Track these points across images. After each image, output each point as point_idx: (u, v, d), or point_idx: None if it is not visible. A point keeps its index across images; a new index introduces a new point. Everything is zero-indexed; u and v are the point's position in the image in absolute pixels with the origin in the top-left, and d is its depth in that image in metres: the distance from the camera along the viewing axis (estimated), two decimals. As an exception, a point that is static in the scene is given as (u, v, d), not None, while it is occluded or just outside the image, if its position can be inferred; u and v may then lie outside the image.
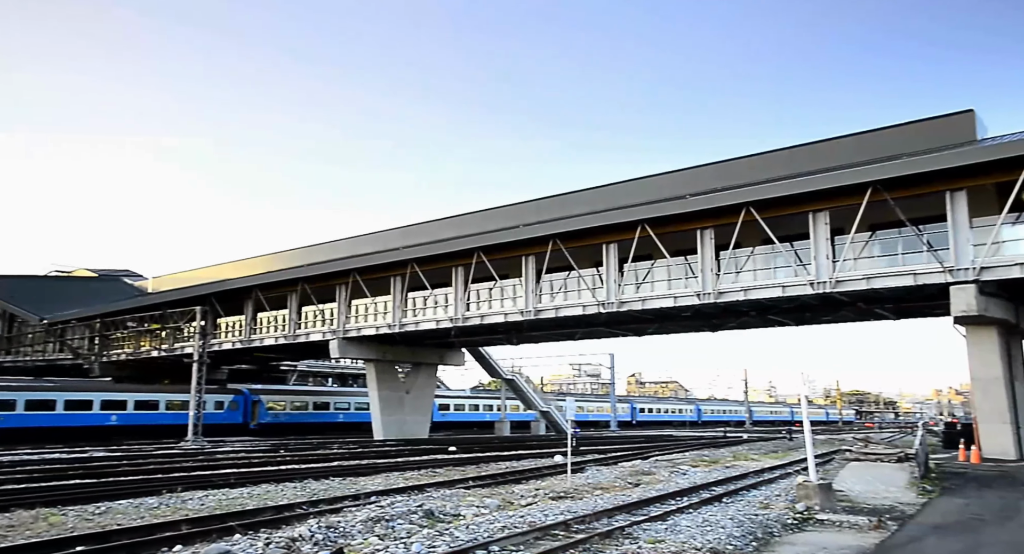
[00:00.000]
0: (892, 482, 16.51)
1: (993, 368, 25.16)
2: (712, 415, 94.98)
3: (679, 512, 13.35)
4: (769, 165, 30.33)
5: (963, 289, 23.98)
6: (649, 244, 30.01)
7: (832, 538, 10.59)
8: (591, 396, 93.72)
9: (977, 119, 26.77)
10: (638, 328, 40.02)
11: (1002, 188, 23.30)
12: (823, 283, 26.82)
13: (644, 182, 34.74)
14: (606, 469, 22.83)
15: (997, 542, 9.89)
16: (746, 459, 28.43)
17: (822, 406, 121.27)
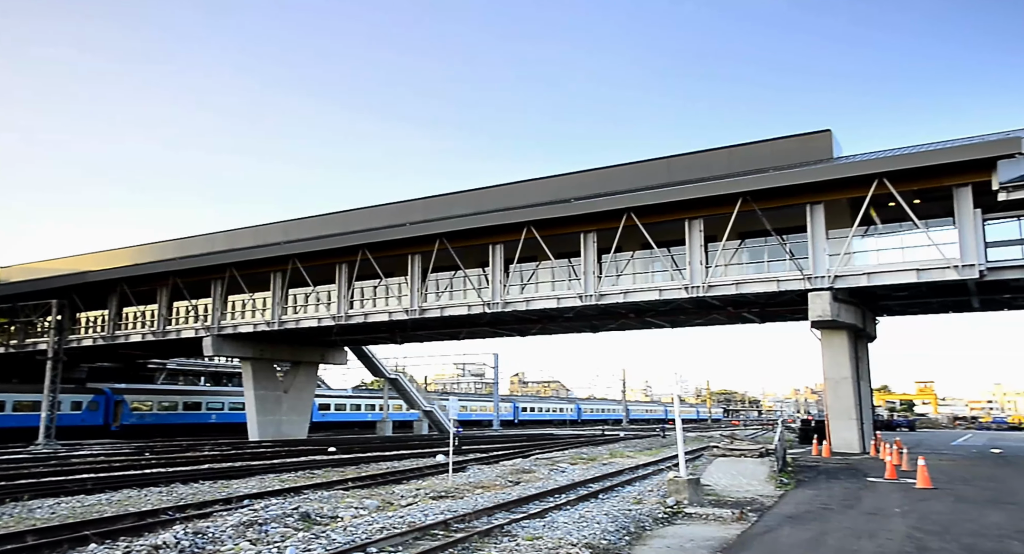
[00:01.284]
0: (754, 476, 17.55)
1: (843, 369, 27.31)
2: (592, 414, 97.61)
3: (557, 509, 13.66)
4: (649, 173, 31.60)
5: (819, 296, 25.90)
6: (535, 246, 30.53)
7: (699, 530, 11.15)
8: (475, 395, 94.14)
9: (834, 138, 28.95)
10: (522, 328, 40.60)
11: (854, 203, 25.34)
12: (697, 287, 28.17)
13: (530, 185, 35.35)
14: (488, 468, 23.02)
15: (841, 528, 10.75)
16: (622, 456, 29.43)
17: (693, 405, 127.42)
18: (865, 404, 29.87)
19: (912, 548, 9.23)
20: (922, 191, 24.74)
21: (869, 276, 25.84)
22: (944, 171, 24.07)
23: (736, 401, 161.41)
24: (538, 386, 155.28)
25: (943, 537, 9.95)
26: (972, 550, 9.01)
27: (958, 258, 24.25)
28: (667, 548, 9.87)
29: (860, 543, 9.58)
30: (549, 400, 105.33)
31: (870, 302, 29.96)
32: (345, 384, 78.30)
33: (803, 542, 9.80)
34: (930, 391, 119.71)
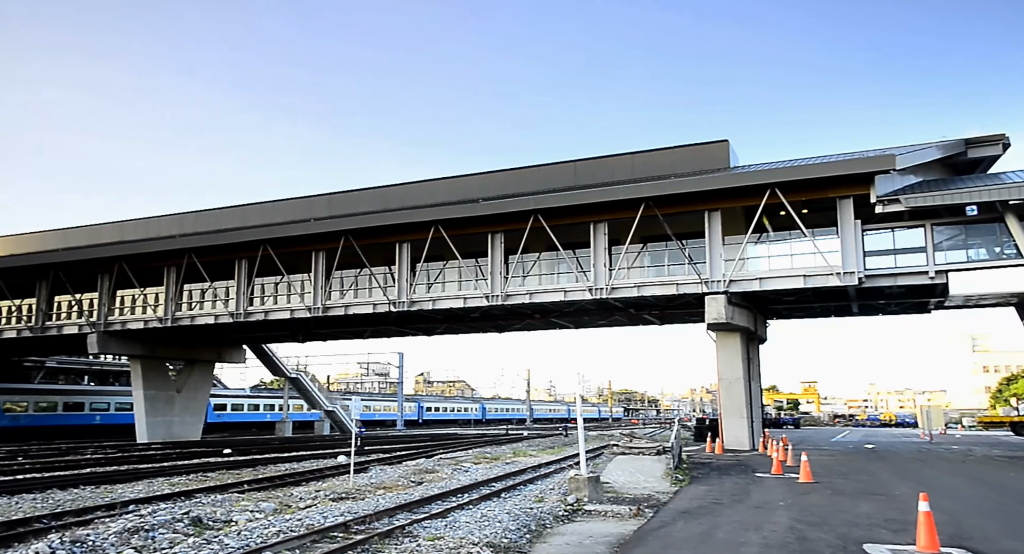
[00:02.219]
0: (651, 473, 18.09)
1: (736, 369, 28.59)
2: (496, 413, 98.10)
3: (459, 508, 13.68)
4: (556, 176, 32.09)
5: (715, 299, 27.03)
6: (442, 245, 30.44)
7: (597, 527, 11.42)
8: (379, 395, 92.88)
9: (731, 148, 30.28)
10: (428, 328, 40.39)
11: (749, 211, 26.59)
12: (600, 289, 28.83)
13: (438, 184, 35.21)
14: (390, 468, 22.78)
15: (731, 522, 11.27)
16: (525, 455, 29.74)
17: (596, 404, 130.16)
18: (755, 403, 31.37)
19: (793, 539, 9.76)
20: (810, 202, 26.23)
21: (761, 281, 27.17)
22: (829, 184, 25.61)
23: (636, 400, 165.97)
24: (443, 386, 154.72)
25: (821, 527, 10.58)
26: (845, 539, 9.63)
27: (840, 266, 25.85)
28: (567, 545, 10.05)
29: (747, 535, 10.06)
30: (454, 400, 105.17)
31: (761, 306, 31.49)
32: (243, 383, 75.56)
33: (695, 536, 10.20)
34: (814, 391, 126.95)
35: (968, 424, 69.17)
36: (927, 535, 8.70)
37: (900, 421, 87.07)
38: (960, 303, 30.40)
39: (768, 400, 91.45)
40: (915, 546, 8.79)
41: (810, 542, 9.50)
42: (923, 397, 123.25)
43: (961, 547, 8.88)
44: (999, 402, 78.83)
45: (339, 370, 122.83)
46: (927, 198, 25.04)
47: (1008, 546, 9.18)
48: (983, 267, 26.09)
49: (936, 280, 26.03)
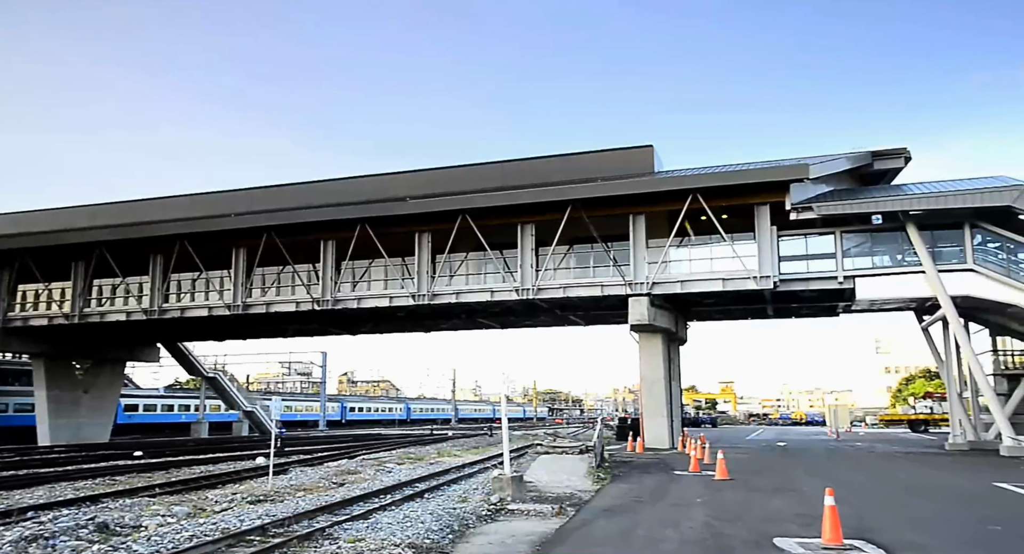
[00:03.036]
0: (574, 472, 18.31)
1: (657, 370, 29.27)
2: (421, 413, 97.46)
3: (382, 510, 13.52)
4: (484, 176, 32.08)
5: (639, 301, 27.61)
6: (368, 243, 30.03)
7: (520, 526, 11.49)
8: (301, 395, 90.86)
9: (656, 153, 30.98)
10: (353, 327, 39.79)
11: (672, 215, 27.27)
12: (527, 290, 29.02)
13: (365, 181, 34.69)
14: (311, 470, 22.33)
15: (650, 519, 11.53)
16: (449, 455, 29.64)
17: (520, 404, 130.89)
18: (675, 403, 32.19)
19: (709, 535, 10.07)
20: (730, 207, 27.11)
21: (682, 284, 27.92)
22: (748, 190, 26.54)
23: (561, 400, 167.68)
24: (368, 386, 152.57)
25: (735, 523, 10.95)
26: (758, 533, 9.99)
27: (757, 270, 26.82)
28: (489, 544, 10.08)
29: (665, 532, 10.31)
30: (378, 400, 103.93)
31: (682, 307, 32.34)
32: (157, 383, 72.57)
33: (615, 533, 10.39)
34: (731, 391, 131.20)
35: (871, 422, 72.87)
36: (832, 528, 9.12)
37: (810, 420, 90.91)
38: (866, 307, 32.01)
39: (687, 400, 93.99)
40: (821, 539, 9.19)
41: (725, 537, 9.81)
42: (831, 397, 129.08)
43: (862, 538, 9.34)
44: (899, 401, 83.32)
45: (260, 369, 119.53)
46: (837, 207, 26.27)
47: (904, 537, 9.71)
48: (886, 273, 27.57)
49: (844, 285, 27.33)
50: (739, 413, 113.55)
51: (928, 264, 26.37)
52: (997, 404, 27.21)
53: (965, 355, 29.09)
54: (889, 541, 9.23)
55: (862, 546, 8.93)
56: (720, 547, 9.17)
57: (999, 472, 18.82)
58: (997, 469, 19.90)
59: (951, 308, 26.52)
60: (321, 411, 73.32)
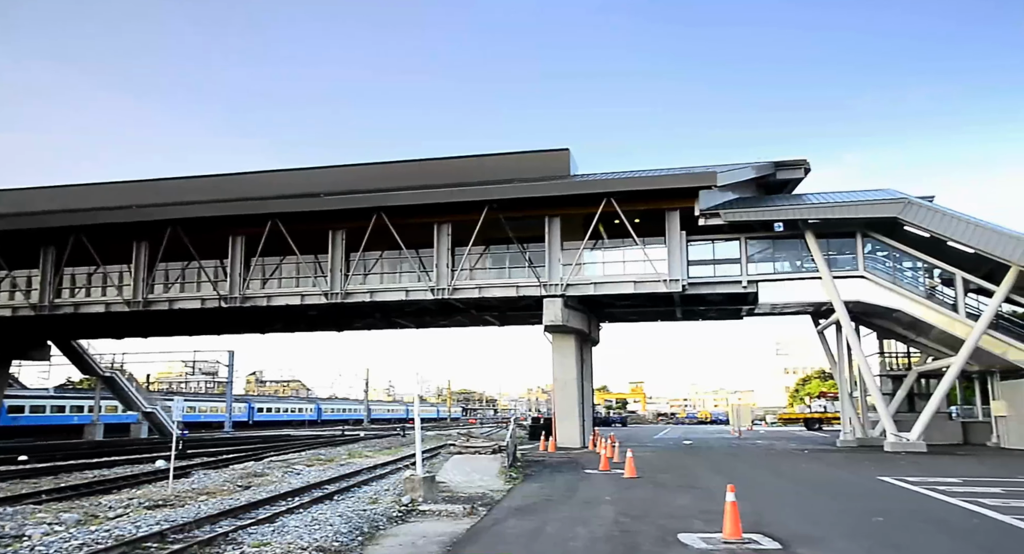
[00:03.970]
0: (487, 472, 18.36)
1: (570, 370, 29.72)
2: (333, 414, 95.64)
3: (289, 513, 13.18)
4: (401, 174, 31.82)
5: (553, 302, 27.97)
6: (280, 240, 29.25)
7: (431, 526, 11.43)
8: (205, 396, 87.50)
9: (572, 157, 31.48)
10: (262, 325, 38.62)
11: (587, 218, 27.77)
12: (442, 289, 28.93)
13: (277, 176, 33.82)
14: (215, 473, 21.54)
15: (560, 517, 11.70)
16: (361, 456, 29.19)
17: (434, 404, 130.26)
18: (587, 403, 32.77)
19: (617, 531, 10.30)
20: (642, 212, 27.84)
21: (596, 286, 28.47)
22: (659, 196, 27.32)
23: (475, 400, 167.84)
24: (277, 386, 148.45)
25: (642, 520, 11.24)
26: (663, 530, 10.30)
27: (667, 273, 27.64)
28: (399, 546, 9.99)
29: (575, 530, 10.49)
30: (288, 400, 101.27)
31: (595, 309, 32.97)
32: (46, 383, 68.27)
33: (526, 532, 10.49)
34: (640, 391, 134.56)
35: (771, 421, 76.29)
36: (732, 523, 9.50)
37: (715, 419, 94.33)
38: (768, 310, 33.50)
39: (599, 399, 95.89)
40: (722, 534, 9.56)
41: (632, 534, 10.07)
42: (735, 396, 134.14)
43: (760, 532, 9.77)
44: (796, 400, 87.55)
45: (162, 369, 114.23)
46: (742, 214, 27.39)
47: (797, 530, 10.22)
48: (787, 278, 28.94)
49: (748, 289, 28.52)
50: (648, 412, 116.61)
51: (824, 270, 27.84)
52: (882, 403, 28.98)
53: (855, 357, 30.86)
54: (784, 534, 9.69)
55: (760, 540, 9.34)
56: (627, 544, 9.39)
57: (882, 467, 20.06)
58: (881, 464, 21.20)
59: (844, 312, 28.08)
60: (227, 412, 70.78)
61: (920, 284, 28.93)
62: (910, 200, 26.91)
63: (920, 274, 29.24)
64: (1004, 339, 26.92)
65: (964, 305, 27.22)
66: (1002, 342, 26.86)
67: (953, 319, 27.08)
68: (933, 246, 27.73)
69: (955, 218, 26.33)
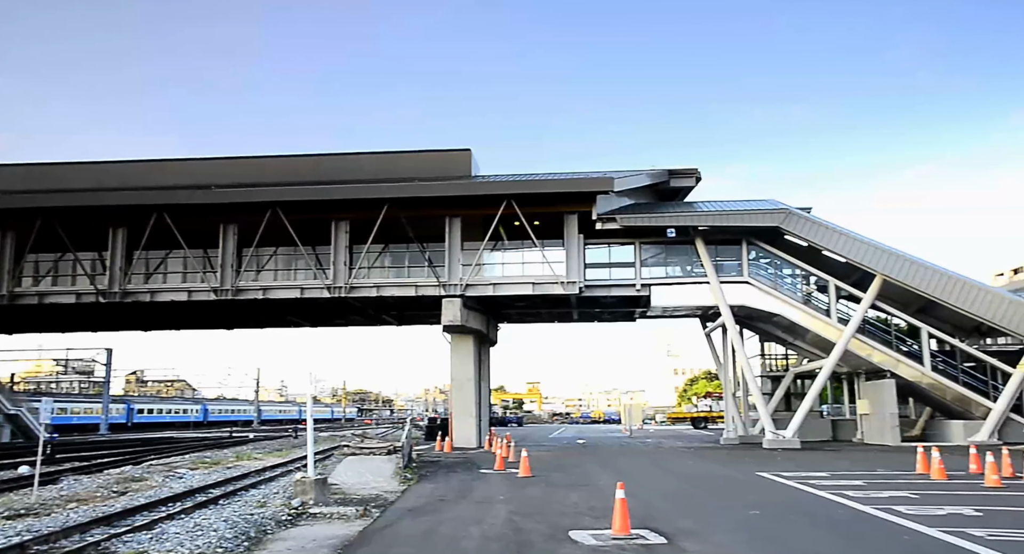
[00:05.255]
0: (381, 473, 18.15)
1: (468, 370, 29.80)
2: (220, 415, 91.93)
3: (169, 519, 12.57)
4: (298, 169, 30.95)
5: (452, 302, 27.97)
6: (167, 233, 27.85)
7: (322, 530, 11.19)
8: (80, 396, 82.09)
9: (473, 158, 31.58)
10: (145, 322, 36.64)
11: (487, 219, 27.94)
12: (339, 288, 28.37)
13: (166, 166, 32.17)
14: (88, 478, 20.24)
15: (454, 518, 11.72)
16: (249, 459, 28.18)
17: (329, 404, 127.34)
18: (484, 403, 32.96)
19: (510, 530, 10.42)
20: (541, 215, 28.28)
21: (495, 286, 28.68)
22: (559, 199, 27.85)
23: (371, 401, 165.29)
24: (160, 386, 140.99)
25: (535, 518, 11.42)
26: (555, 527, 10.50)
27: (565, 276, 28.19)
28: (287, 550, 9.73)
29: (469, 529, 10.53)
30: (171, 401, 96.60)
31: (494, 310, 33.21)
32: None
33: (420, 533, 10.45)
34: (537, 391, 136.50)
35: (660, 420, 79.09)
36: (621, 520, 9.80)
37: (608, 418, 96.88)
38: (660, 313, 34.77)
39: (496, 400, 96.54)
40: (611, 530, 9.85)
41: (524, 532, 10.21)
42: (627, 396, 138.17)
43: (647, 528, 10.13)
44: (684, 400, 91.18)
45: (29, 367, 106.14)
46: (637, 219, 28.31)
47: (682, 524, 10.67)
48: (678, 283, 30.14)
49: (642, 292, 29.50)
50: (544, 412, 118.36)
51: (712, 276, 29.15)
52: (762, 402, 30.64)
53: (739, 359, 32.49)
54: (670, 529, 10.09)
55: (647, 535, 9.68)
56: (519, 542, 9.52)
57: (761, 463, 21.21)
58: (759, 460, 22.41)
59: (729, 316, 29.50)
60: (103, 413, 66.65)
61: (798, 290, 30.79)
62: (790, 211, 28.60)
63: (798, 281, 31.11)
64: (870, 343, 29.04)
65: (836, 311, 29.18)
66: (868, 345, 28.97)
67: (826, 323, 28.98)
68: (810, 255, 29.59)
69: (829, 229, 28.22)
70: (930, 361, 28.68)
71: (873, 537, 9.57)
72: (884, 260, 27.39)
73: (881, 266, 27.39)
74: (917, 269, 27.16)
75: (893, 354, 28.93)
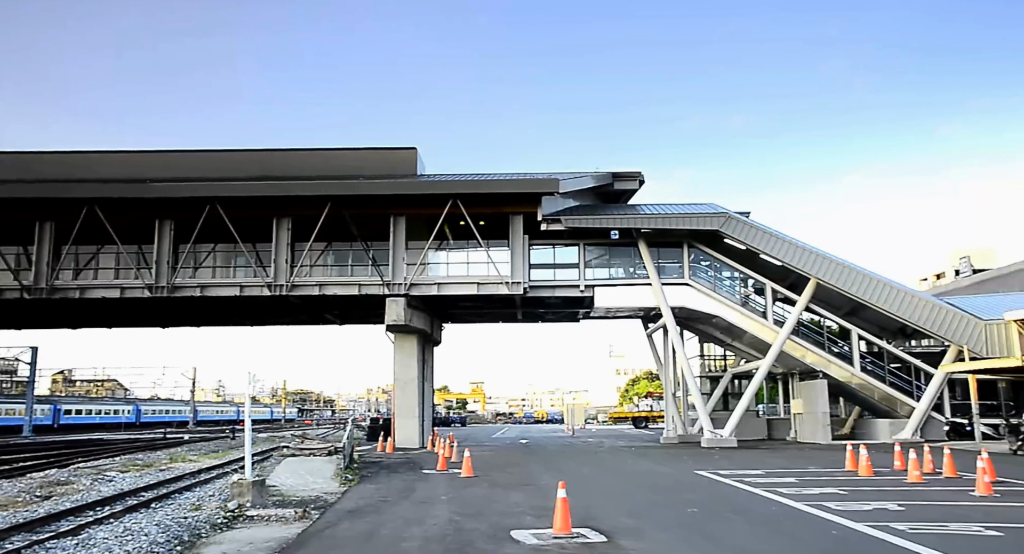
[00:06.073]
0: (321, 474, 17.89)
1: (411, 370, 29.61)
2: (154, 416, 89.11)
3: (97, 524, 12.14)
4: (240, 164, 30.27)
5: (396, 301, 27.76)
6: (100, 227, 26.87)
7: (259, 532, 10.97)
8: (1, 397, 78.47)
9: (419, 157, 31.41)
10: (74, 320, 35.27)
11: (432, 219, 27.82)
12: (280, 286, 27.85)
13: (98, 157, 31.04)
14: (7, 483, 19.36)
15: (395, 518, 11.63)
16: (184, 461, 27.40)
17: (268, 405, 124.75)
18: (427, 403, 32.79)
19: (451, 530, 10.40)
20: (487, 215, 28.30)
21: (440, 286, 28.57)
22: (504, 200, 27.92)
23: (312, 401, 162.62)
24: (90, 386, 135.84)
25: (477, 518, 11.43)
26: (497, 527, 10.52)
27: (509, 276, 28.27)
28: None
29: (410, 530, 10.47)
30: (102, 401, 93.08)
31: (438, 309, 33.08)
32: None
33: (360, 534, 10.34)
34: (480, 391, 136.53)
35: (602, 420, 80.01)
36: (562, 519, 9.88)
37: (551, 418, 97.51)
38: (603, 314, 35.16)
39: (440, 400, 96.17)
40: (553, 529, 9.92)
41: (466, 532, 10.20)
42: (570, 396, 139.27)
43: (588, 526, 10.24)
44: (626, 400, 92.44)
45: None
46: (582, 220, 28.60)
47: (622, 523, 10.83)
48: (621, 284, 30.55)
49: (586, 293, 29.80)
50: (488, 412, 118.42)
51: (654, 277, 29.65)
52: (701, 402, 31.30)
53: (679, 359, 33.12)
54: (610, 527, 10.22)
55: (587, 533, 9.79)
56: (461, 542, 9.51)
57: (699, 461, 21.68)
58: (698, 459, 22.90)
59: (670, 317, 30.05)
60: (27, 414, 63.85)
61: (736, 292, 31.57)
62: (730, 215, 29.31)
63: (736, 283, 31.90)
64: (803, 344, 29.98)
65: (772, 312, 30.03)
66: (802, 347, 29.91)
67: (763, 325, 29.79)
68: (748, 258, 30.38)
69: (766, 233, 29.02)
70: (859, 362, 29.78)
71: (804, 533, 9.88)
72: (817, 264, 28.31)
73: (814, 269, 28.30)
74: (848, 273, 28.16)
75: (825, 355, 29.93)
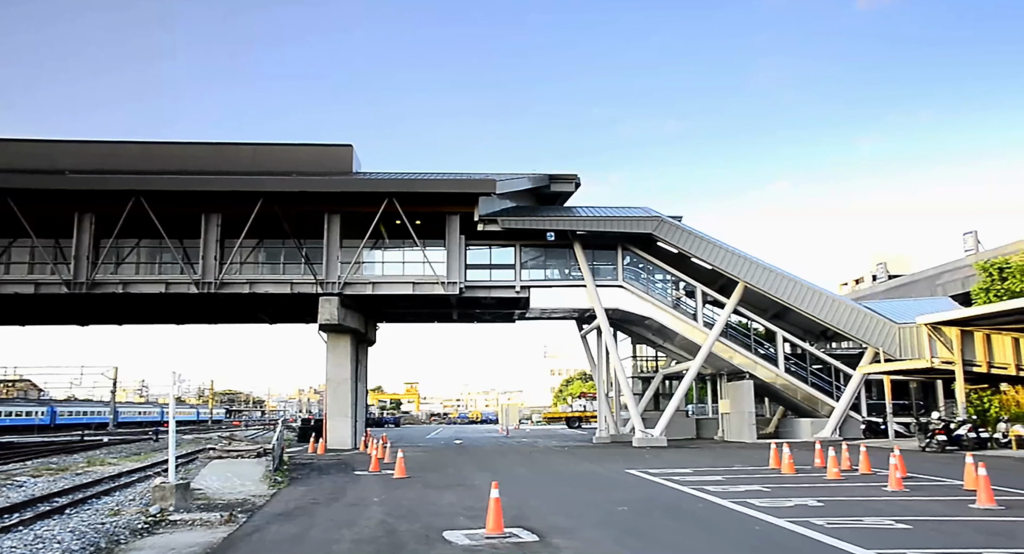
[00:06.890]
0: (249, 476, 17.45)
1: (344, 371, 29.21)
2: (71, 417, 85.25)
3: (4, 532, 11.54)
4: (165, 157, 29.23)
5: (329, 300, 27.34)
6: (12, 219, 25.57)
7: (182, 537, 10.63)
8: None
9: (355, 155, 30.99)
10: (-17, 317, 33.47)
11: (367, 217, 27.51)
12: (209, 284, 27.08)
13: (12, 146, 29.47)
14: (-97, 491, 18.21)
15: (325, 521, 11.45)
16: (103, 464, 26.30)
17: (194, 406, 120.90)
18: (360, 404, 32.38)
19: (383, 532, 10.30)
20: (424, 214, 28.16)
21: (374, 285, 28.28)
22: (441, 199, 27.83)
23: (240, 401, 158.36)
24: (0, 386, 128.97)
25: (409, 519, 11.35)
26: (429, 528, 10.47)
27: (445, 276, 28.19)
28: (143, 561, 9.19)
29: (340, 533, 10.32)
30: (12, 403, 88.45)
31: (373, 309, 32.71)
32: None
33: (289, 537, 10.13)
34: (415, 391, 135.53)
35: (537, 420, 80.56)
36: (495, 519, 9.90)
37: (485, 418, 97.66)
38: (538, 315, 35.41)
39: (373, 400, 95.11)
40: (485, 530, 9.94)
41: (398, 534, 10.12)
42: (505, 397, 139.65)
43: (520, 526, 10.29)
44: (560, 400, 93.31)
45: None
46: (518, 221, 28.74)
47: (554, 522, 10.93)
48: (556, 285, 30.84)
49: (521, 294, 29.97)
50: (422, 413, 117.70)
51: (588, 279, 30.04)
52: (633, 402, 31.87)
53: (612, 360, 33.63)
54: (542, 526, 10.30)
55: (519, 533, 9.84)
56: (392, 544, 9.43)
57: (630, 460, 22.07)
58: (629, 458, 23.30)
59: (604, 318, 30.49)
60: (-71, 418, 60.22)
61: (668, 295, 32.27)
62: (663, 219, 29.94)
63: (669, 286, 32.61)
64: (732, 346, 30.87)
65: (702, 315, 30.81)
66: (730, 348, 30.79)
67: (693, 327, 30.54)
68: (680, 261, 31.10)
69: (698, 237, 29.77)
70: (784, 363, 30.85)
71: (729, 529, 10.18)
72: (746, 268, 29.20)
73: (743, 273, 29.18)
74: (774, 277, 29.13)
75: (752, 357, 30.89)
